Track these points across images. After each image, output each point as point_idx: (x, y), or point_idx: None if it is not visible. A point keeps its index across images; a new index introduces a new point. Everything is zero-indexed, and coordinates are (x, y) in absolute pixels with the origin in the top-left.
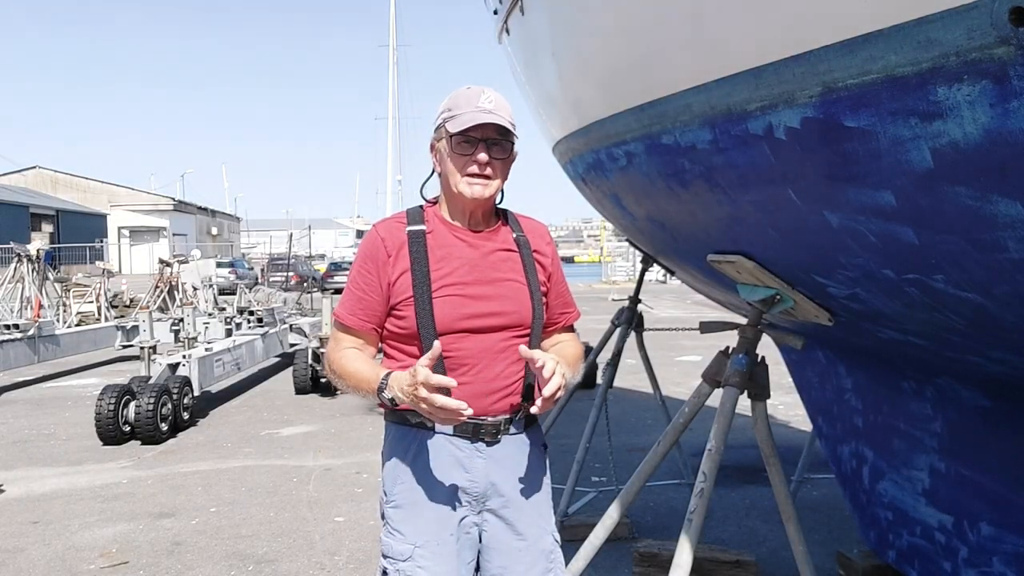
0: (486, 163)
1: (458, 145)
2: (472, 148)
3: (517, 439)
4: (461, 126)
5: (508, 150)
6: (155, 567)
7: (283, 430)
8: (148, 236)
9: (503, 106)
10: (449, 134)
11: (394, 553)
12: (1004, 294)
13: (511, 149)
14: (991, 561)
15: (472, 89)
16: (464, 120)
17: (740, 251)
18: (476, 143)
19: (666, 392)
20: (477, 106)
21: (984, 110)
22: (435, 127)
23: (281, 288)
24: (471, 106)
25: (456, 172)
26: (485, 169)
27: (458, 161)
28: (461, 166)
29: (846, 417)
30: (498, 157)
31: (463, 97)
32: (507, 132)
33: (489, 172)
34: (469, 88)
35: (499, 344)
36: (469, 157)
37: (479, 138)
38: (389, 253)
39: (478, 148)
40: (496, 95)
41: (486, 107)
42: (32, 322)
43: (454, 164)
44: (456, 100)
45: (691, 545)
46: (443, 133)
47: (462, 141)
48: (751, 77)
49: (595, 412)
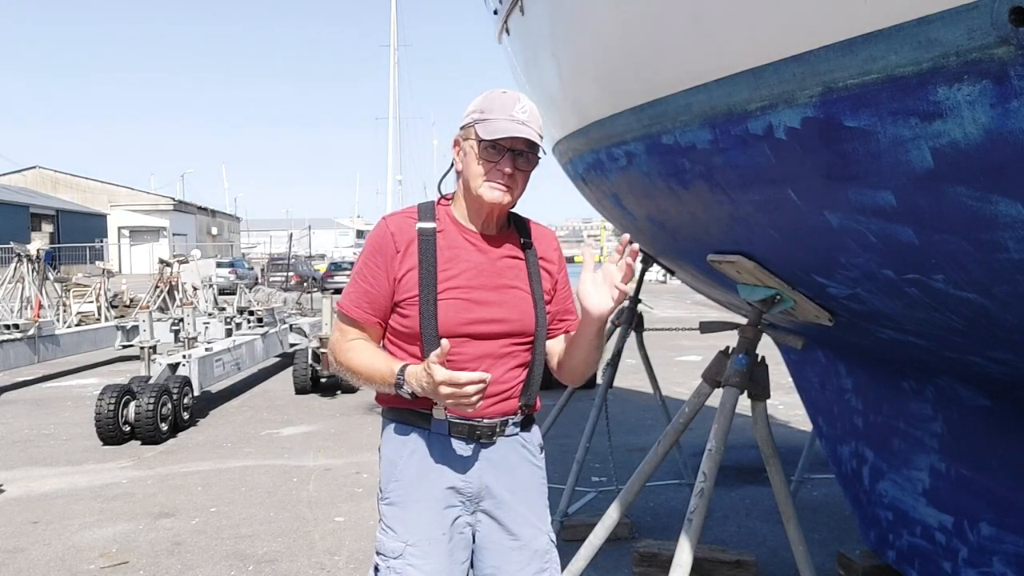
0: (511, 174)
1: (485, 151)
2: (500, 156)
3: (513, 440)
4: (493, 134)
5: (534, 163)
6: (155, 567)
7: (283, 430)
8: (148, 236)
9: (535, 118)
10: (479, 138)
11: (386, 550)
12: (1004, 294)
13: (536, 162)
14: (991, 561)
15: (508, 95)
16: (497, 128)
17: (740, 251)
18: (504, 152)
19: (666, 392)
20: (511, 115)
21: (984, 110)
22: (463, 125)
23: (281, 288)
24: (505, 114)
25: (479, 175)
26: (509, 180)
27: (484, 167)
28: (486, 171)
29: (846, 417)
30: (523, 168)
31: (498, 102)
32: (535, 145)
33: (511, 183)
34: (505, 93)
35: (500, 350)
36: (495, 165)
37: (508, 148)
38: (398, 248)
39: (505, 158)
40: (530, 105)
41: (520, 117)
42: (32, 322)
43: (479, 168)
44: (490, 103)
45: (691, 545)
46: (472, 134)
47: (490, 147)
48: (751, 77)
49: (595, 412)
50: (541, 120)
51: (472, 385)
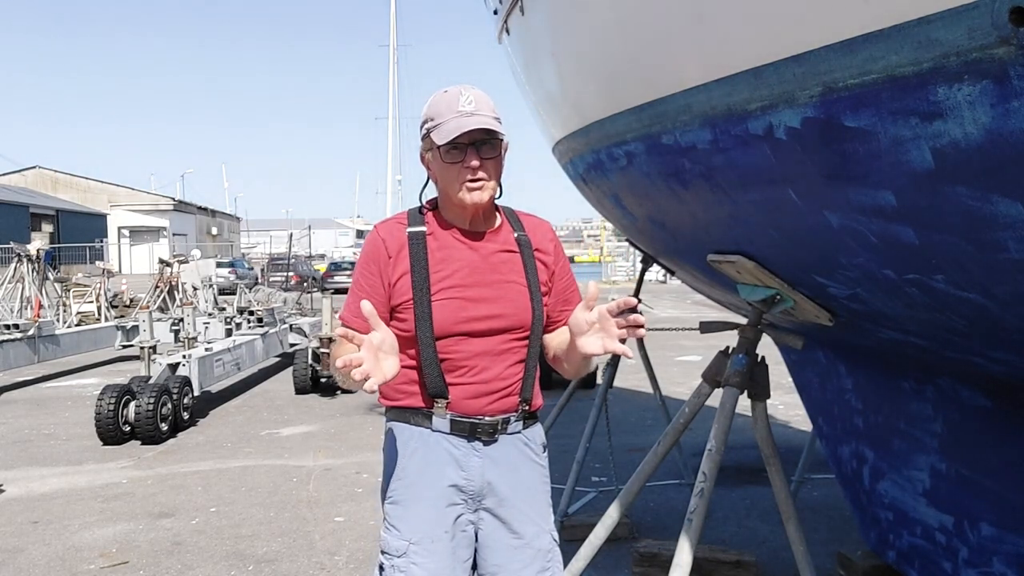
0: (479, 167)
1: (447, 154)
2: (462, 155)
3: (515, 439)
4: (446, 137)
5: (498, 148)
6: (155, 567)
7: (283, 430)
8: (148, 236)
9: (484, 103)
10: (437, 145)
11: (390, 549)
12: (1004, 294)
13: (500, 146)
14: (991, 561)
15: (449, 92)
16: (449, 129)
17: (740, 251)
18: (465, 148)
19: (666, 392)
20: (458, 111)
21: (984, 110)
22: (421, 136)
23: (281, 288)
24: (452, 112)
25: (453, 182)
26: (479, 173)
27: (451, 170)
28: (455, 175)
29: (846, 417)
30: (489, 157)
31: (443, 103)
32: (492, 131)
33: (483, 175)
34: (446, 91)
35: (499, 346)
36: (461, 164)
37: (467, 143)
38: (390, 254)
39: (468, 154)
40: (475, 92)
41: (467, 110)
42: (32, 322)
43: (448, 173)
44: (436, 107)
45: (691, 545)
46: (431, 144)
47: (450, 149)
48: (751, 77)
49: (595, 412)
50: (492, 103)
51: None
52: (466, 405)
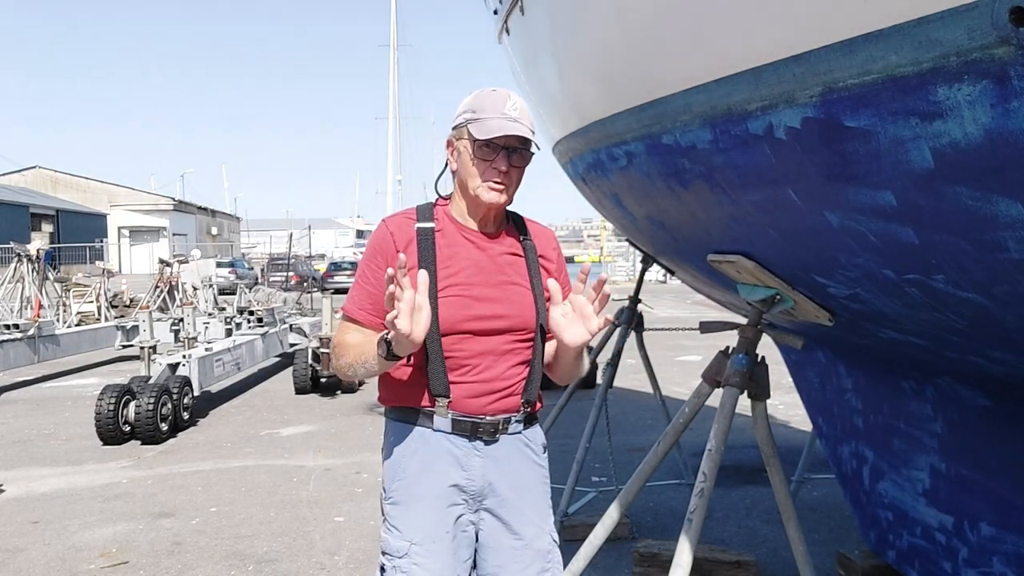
0: (506, 172)
1: (480, 150)
2: (494, 155)
3: (516, 439)
4: (487, 133)
5: (527, 159)
6: (155, 567)
7: (283, 430)
8: (148, 236)
9: (526, 114)
10: (473, 138)
11: (391, 549)
12: (1004, 294)
13: (530, 158)
14: (991, 561)
15: (498, 92)
16: (490, 127)
17: (740, 251)
18: (499, 150)
19: (666, 392)
20: (503, 113)
21: (984, 110)
22: (455, 125)
23: (281, 288)
24: (496, 112)
25: (476, 176)
26: (505, 178)
27: (479, 166)
28: (481, 171)
29: (846, 417)
30: (517, 165)
31: (488, 100)
32: (528, 141)
33: (507, 180)
34: (495, 91)
35: (502, 347)
36: (490, 164)
37: (502, 146)
38: (398, 248)
39: (500, 156)
40: (521, 101)
41: (512, 115)
42: (32, 322)
43: (474, 168)
44: (481, 102)
45: (691, 545)
46: (465, 134)
47: (484, 146)
48: (751, 77)
49: (595, 412)
50: (531, 115)
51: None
52: (467, 404)
